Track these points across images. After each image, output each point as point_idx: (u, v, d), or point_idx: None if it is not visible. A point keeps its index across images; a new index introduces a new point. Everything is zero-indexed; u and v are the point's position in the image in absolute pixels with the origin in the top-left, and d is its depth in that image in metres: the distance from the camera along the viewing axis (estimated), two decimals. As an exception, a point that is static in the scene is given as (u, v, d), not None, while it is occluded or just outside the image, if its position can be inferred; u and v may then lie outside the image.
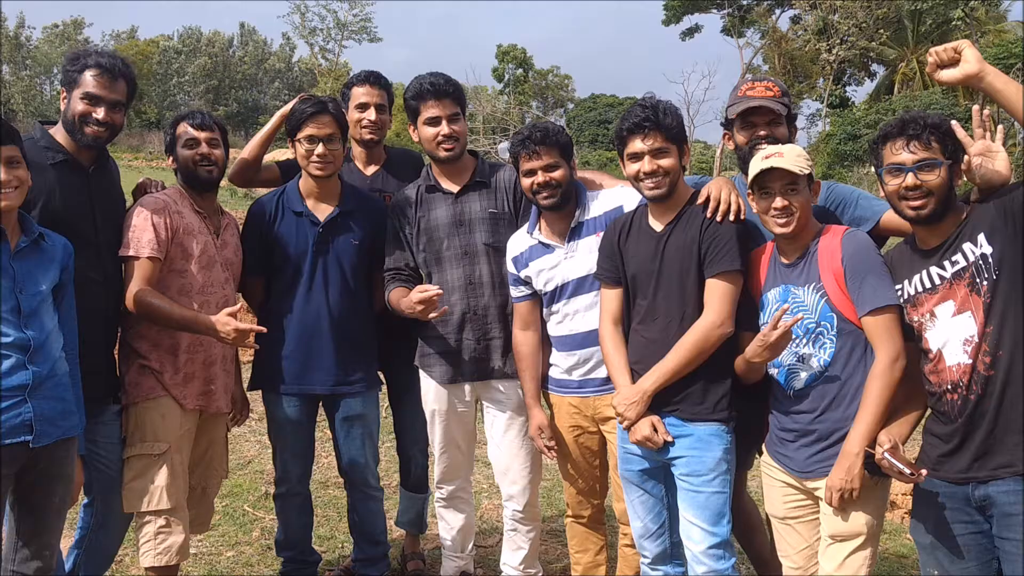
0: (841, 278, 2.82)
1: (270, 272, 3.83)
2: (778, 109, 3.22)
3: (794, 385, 2.95)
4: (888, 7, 37.88)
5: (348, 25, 49.80)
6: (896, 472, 2.62)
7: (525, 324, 3.59)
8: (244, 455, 5.88)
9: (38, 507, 2.96)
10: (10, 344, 2.79)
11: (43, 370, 2.85)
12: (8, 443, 2.76)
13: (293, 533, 4.02)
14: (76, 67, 3.31)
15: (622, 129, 3.17)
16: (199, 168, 3.55)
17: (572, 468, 3.64)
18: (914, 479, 2.61)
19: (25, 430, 2.80)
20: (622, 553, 3.66)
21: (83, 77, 3.29)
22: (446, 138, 3.62)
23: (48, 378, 2.87)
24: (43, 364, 2.85)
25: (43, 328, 2.88)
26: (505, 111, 37.74)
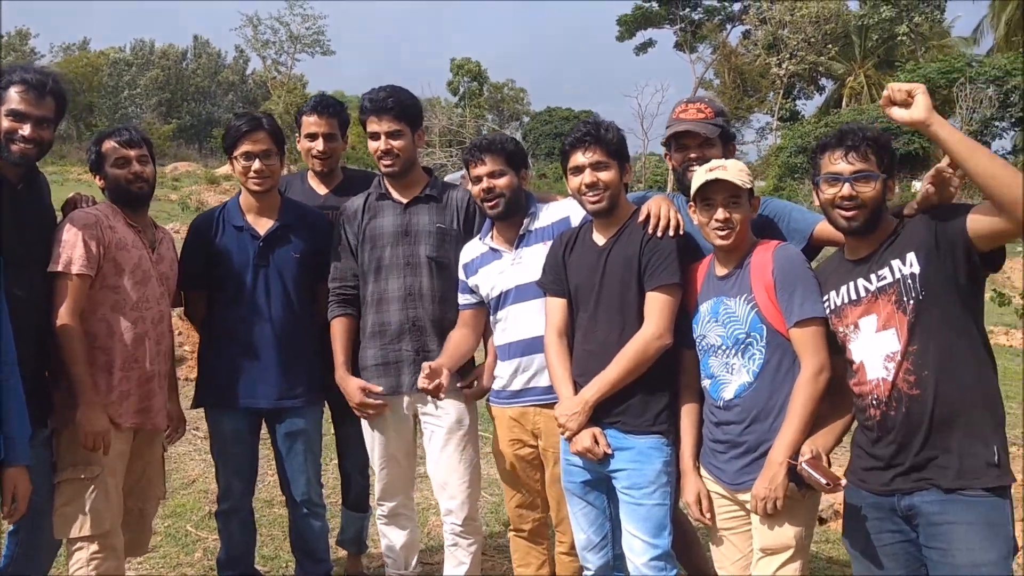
0: (771, 290, 2.86)
1: (212, 287, 3.79)
2: (704, 132, 3.27)
3: (724, 396, 2.97)
4: (836, 23, 38.69)
5: (301, 38, 49.46)
6: (814, 483, 2.66)
7: (464, 324, 3.65)
8: (188, 474, 5.77)
9: None
10: None
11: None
12: None
13: (235, 551, 3.96)
14: (2, 83, 3.23)
15: (565, 144, 3.25)
16: (132, 186, 3.50)
17: (512, 481, 3.65)
18: (831, 490, 2.65)
19: None
20: (559, 560, 3.67)
21: (8, 94, 3.21)
22: (384, 154, 3.63)
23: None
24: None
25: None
26: (460, 124, 37.78)
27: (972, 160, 2.44)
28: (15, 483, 3.03)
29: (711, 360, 3.01)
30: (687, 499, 3.10)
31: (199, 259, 3.77)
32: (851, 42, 39.81)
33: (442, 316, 3.66)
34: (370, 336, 3.70)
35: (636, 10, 45.30)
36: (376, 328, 3.68)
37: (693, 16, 44.85)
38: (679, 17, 44.03)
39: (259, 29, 49.02)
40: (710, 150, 3.28)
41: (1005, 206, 2.41)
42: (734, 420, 2.95)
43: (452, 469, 3.67)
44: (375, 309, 3.68)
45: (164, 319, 3.59)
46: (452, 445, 3.67)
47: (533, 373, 3.47)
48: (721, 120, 3.32)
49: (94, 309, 3.37)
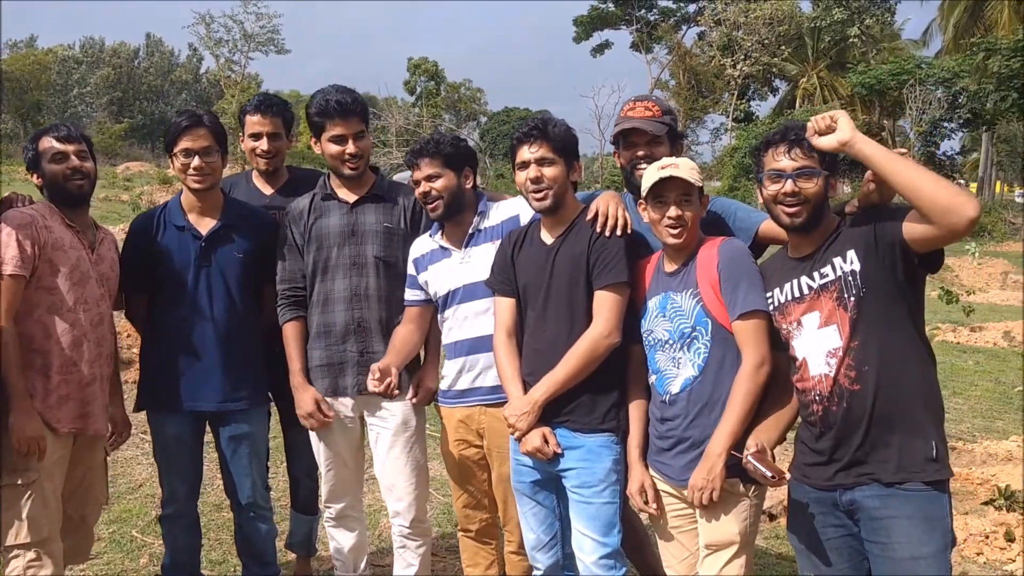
0: (716, 285, 2.87)
1: (153, 288, 3.72)
2: (652, 130, 3.26)
3: (670, 390, 2.98)
4: (789, 24, 39.26)
5: (255, 36, 48.99)
6: (759, 476, 2.67)
7: (410, 321, 3.60)
8: (135, 479, 5.67)
9: None
10: None
11: None
12: None
13: (181, 556, 3.88)
14: None
15: (513, 140, 3.25)
16: (70, 182, 3.41)
17: (459, 481, 3.64)
18: (775, 483, 2.66)
19: None
20: (508, 560, 3.66)
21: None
22: (352, 156, 3.58)
23: None
24: None
25: None
26: (417, 123, 37.70)
27: (896, 174, 2.48)
28: None
29: (658, 355, 3.02)
30: (631, 489, 3.09)
31: (139, 260, 3.69)
32: (804, 44, 40.43)
33: (389, 317, 3.62)
34: (315, 336, 3.66)
35: (592, 11, 45.57)
36: (321, 329, 3.64)
37: (649, 17, 45.20)
38: (635, 18, 44.34)
39: (212, 27, 48.50)
40: (657, 148, 3.27)
41: (930, 216, 2.44)
42: (680, 414, 2.95)
43: (399, 471, 3.64)
44: (321, 309, 3.64)
45: (104, 321, 3.50)
46: (399, 447, 3.64)
47: (478, 373, 3.46)
48: (668, 118, 3.31)
49: (30, 311, 3.28)
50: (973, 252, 22.03)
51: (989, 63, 29.83)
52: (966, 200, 2.40)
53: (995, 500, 5.33)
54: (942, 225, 2.42)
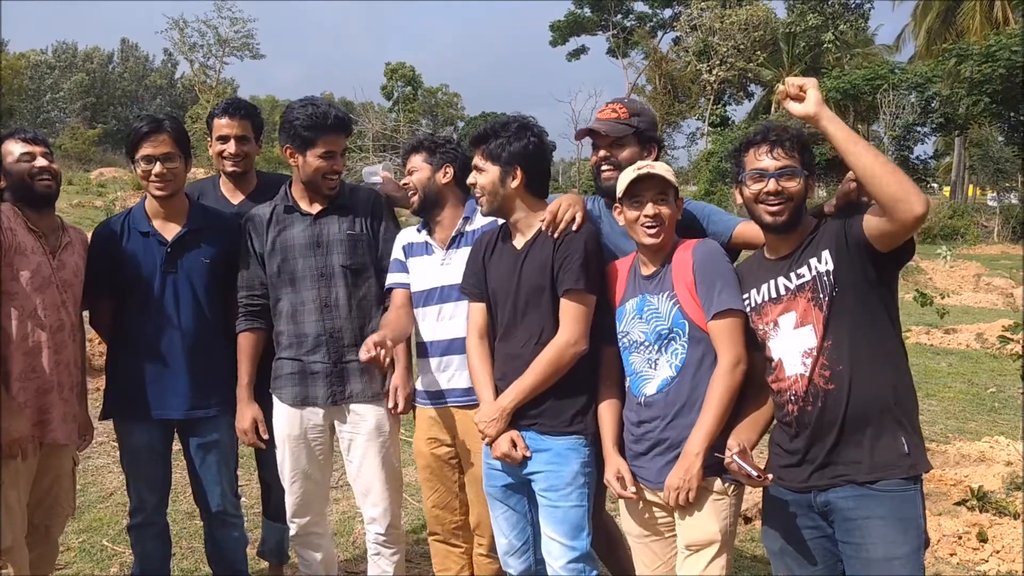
0: (692, 287, 2.87)
1: (118, 294, 3.66)
2: (608, 131, 3.26)
3: (645, 391, 2.96)
4: (764, 30, 39.55)
5: (229, 42, 48.76)
6: (744, 475, 2.65)
7: (399, 306, 3.55)
8: (106, 487, 5.59)
9: None
10: None
11: None
12: None
13: (150, 566, 3.81)
14: None
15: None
16: (37, 182, 3.37)
17: (430, 481, 3.63)
18: (761, 482, 2.65)
19: None
20: (478, 562, 3.64)
21: None
22: (336, 174, 3.58)
23: None
24: None
25: None
26: (394, 128, 37.63)
27: (855, 157, 2.47)
28: None
29: (633, 357, 3.00)
30: (607, 476, 3.05)
31: (104, 266, 3.62)
32: (779, 49, 40.77)
33: (361, 325, 3.58)
34: (286, 347, 3.62)
35: (569, 16, 45.68)
36: (292, 340, 3.60)
37: (625, 23, 45.37)
38: (611, 23, 44.49)
39: (186, 32, 48.23)
40: (619, 151, 3.27)
41: (885, 205, 2.44)
42: (657, 416, 2.93)
43: (375, 477, 3.61)
44: (292, 321, 3.59)
45: (65, 328, 3.44)
46: (372, 452, 3.60)
47: (452, 374, 3.46)
48: (637, 120, 3.29)
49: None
50: (946, 255, 22.24)
51: (961, 68, 30.20)
52: (916, 195, 2.41)
53: (968, 501, 5.36)
54: (893, 217, 2.43)
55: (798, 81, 2.58)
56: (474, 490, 3.49)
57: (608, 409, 3.10)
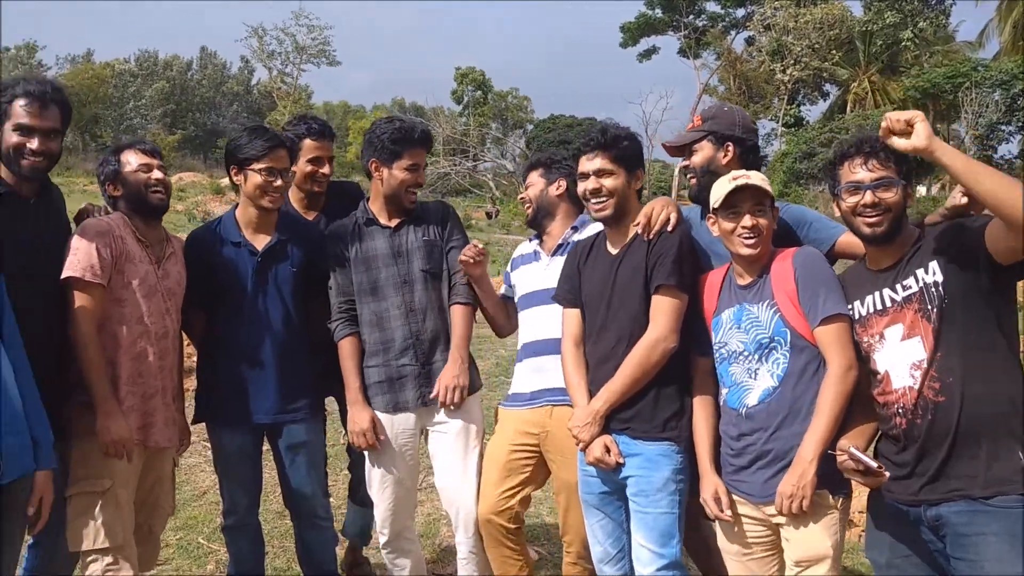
0: (794, 296, 2.83)
1: (209, 304, 3.76)
2: (671, 142, 3.46)
3: (746, 403, 2.93)
4: (840, 28, 38.68)
5: (306, 49, 49.73)
6: (861, 470, 2.59)
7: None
8: (199, 486, 5.75)
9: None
10: None
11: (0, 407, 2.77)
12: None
13: (245, 566, 3.91)
14: (5, 98, 3.21)
15: (577, 150, 3.29)
16: (151, 193, 3.49)
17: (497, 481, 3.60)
18: (879, 476, 2.59)
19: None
20: (567, 570, 3.66)
21: (13, 108, 3.19)
22: (418, 187, 3.74)
23: (8, 415, 2.80)
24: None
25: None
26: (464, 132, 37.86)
27: (977, 184, 2.40)
28: (43, 490, 2.99)
29: (732, 367, 2.97)
30: (704, 495, 3.02)
31: (197, 275, 3.73)
32: (855, 48, 39.81)
33: (444, 327, 3.70)
34: (372, 354, 3.71)
35: (640, 17, 45.39)
36: (379, 346, 3.68)
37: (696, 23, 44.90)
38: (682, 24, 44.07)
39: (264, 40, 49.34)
40: (693, 157, 3.35)
41: (1012, 226, 2.37)
42: (759, 427, 2.89)
43: (461, 477, 3.67)
44: (377, 328, 3.69)
45: (169, 335, 3.55)
46: (459, 451, 3.67)
47: (548, 373, 3.53)
48: (709, 124, 3.34)
49: (102, 323, 3.34)
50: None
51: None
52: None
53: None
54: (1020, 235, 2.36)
55: (904, 116, 2.48)
56: (565, 496, 3.52)
57: (704, 423, 3.08)
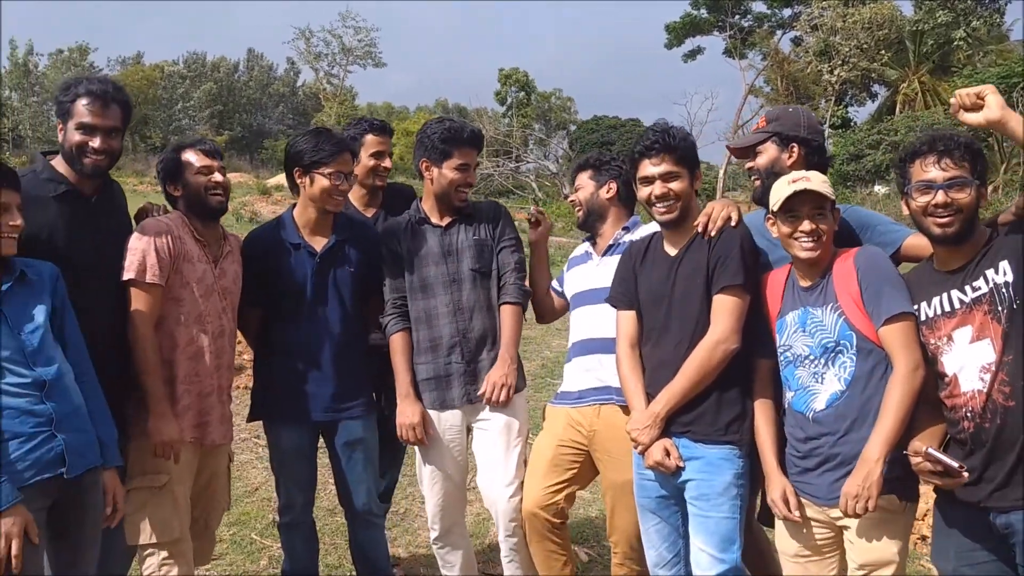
0: (858, 297, 2.78)
1: (267, 303, 3.80)
2: (735, 144, 3.43)
3: (814, 406, 2.88)
4: (890, 28, 38.03)
5: (353, 50, 50.16)
6: (940, 469, 2.53)
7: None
8: (251, 482, 5.82)
9: (73, 538, 2.96)
10: (26, 384, 2.77)
11: (62, 403, 2.84)
12: (44, 478, 2.77)
13: (299, 563, 3.95)
14: (68, 97, 3.28)
15: (634, 153, 3.22)
16: (211, 195, 3.53)
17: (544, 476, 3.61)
18: (960, 476, 2.52)
19: (59, 463, 2.80)
20: (615, 570, 3.66)
21: (76, 107, 3.26)
22: (468, 187, 3.75)
23: (70, 411, 2.87)
24: (61, 398, 2.85)
25: (51, 361, 2.86)
26: (507, 134, 37.87)
27: None
28: (113, 487, 3.08)
29: (798, 371, 2.93)
30: (773, 496, 2.97)
31: (255, 276, 3.77)
32: (905, 47, 39.12)
33: (491, 326, 3.72)
34: (421, 351, 3.74)
35: (685, 17, 45.04)
36: (428, 344, 3.72)
37: (742, 23, 44.44)
38: (728, 24, 43.65)
39: (311, 42, 49.84)
40: (757, 158, 3.31)
41: None
42: (826, 432, 2.85)
43: (502, 476, 3.67)
44: (426, 325, 3.72)
45: (225, 334, 3.59)
46: (501, 452, 3.68)
47: (597, 371, 3.55)
48: (772, 126, 3.30)
49: (159, 321, 3.40)
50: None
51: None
52: None
53: None
54: None
55: (974, 90, 2.48)
56: (612, 496, 3.53)
57: (767, 425, 3.04)
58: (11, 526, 2.63)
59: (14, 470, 2.70)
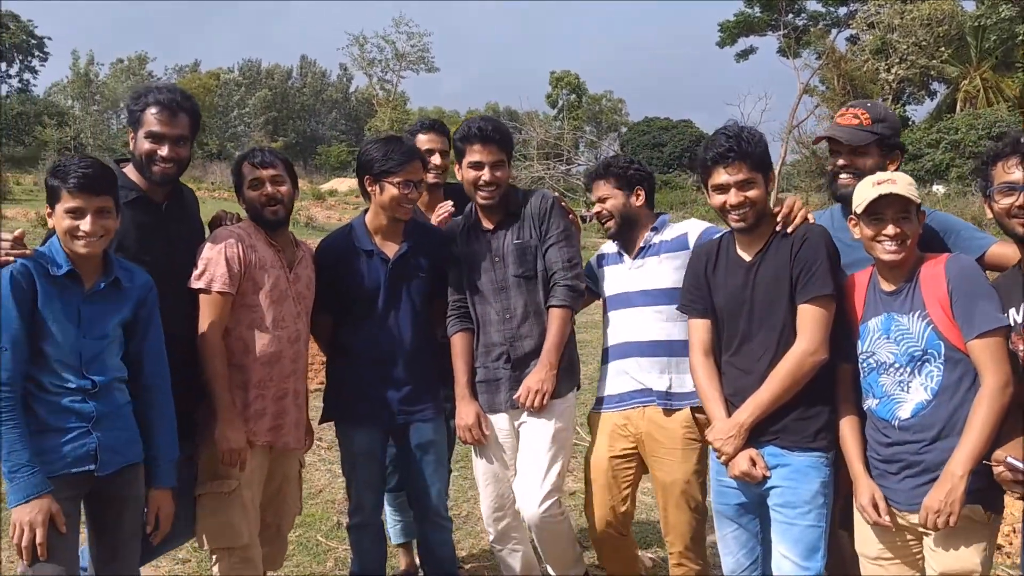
0: (947, 305, 2.71)
1: (339, 309, 3.83)
2: (848, 139, 3.15)
3: (899, 415, 2.82)
4: (950, 24, 37.23)
5: (406, 55, 50.62)
6: (1022, 479, 2.46)
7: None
8: (315, 485, 5.87)
9: (111, 532, 3.01)
10: (72, 389, 2.84)
11: (105, 403, 2.91)
12: (74, 472, 2.84)
13: (368, 565, 3.97)
14: (139, 106, 3.35)
15: (706, 159, 3.13)
16: (265, 209, 3.55)
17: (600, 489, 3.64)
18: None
19: (89, 459, 2.86)
20: (672, 569, 3.63)
21: (145, 116, 3.32)
22: (486, 184, 3.67)
23: (111, 410, 2.93)
24: (105, 398, 2.91)
25: (105, 371, 2.92)
26: (558, 136, 37.84)
27: None
28: (159, 505, 3.14)
29: (882, 378, 2.86)
30: (861, 502, 2.90)
31: (328, 282, 3.79)
32: (966, 43, 38.27)
33: (541, 331, 3.67)
34: (479, 355, 3.77)
35: (738, 16, 44.66)
36: (483, 348, 3.75)
37: (797, 22, 43.91)
38: (782, 23, 43.14)
39: (365, 48, 50.43)
40: (860, 159, 3.15)
41: None
42: (911, 440, 2.78)
43: (530, 478, 3.64)
44: (482, 330, 3.75)
45: (300, 338, 3.62)
46: (533, 455, 3.65)
47: (630, 376, 3.56)
48: (880, 127, 3.16)
49: (231, 327, 3.43)
50: None
51: None
52: None
53: None
54: None
55: None
56: (663, 496, 3.52)
57: (852, 431, 2.97)
58: (36, 514, 2.71)
59: (45, 460, 2.77)
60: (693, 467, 3.49)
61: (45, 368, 2.81)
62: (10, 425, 2.71)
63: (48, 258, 2.85)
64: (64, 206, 2.83)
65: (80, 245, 2.84)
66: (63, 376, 2.82)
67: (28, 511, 2.71)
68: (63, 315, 2.83)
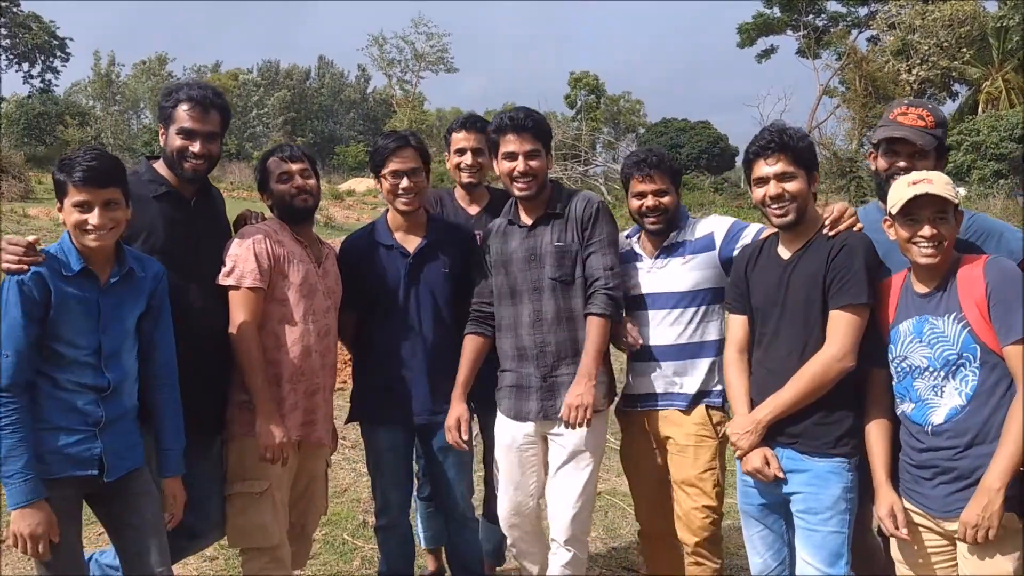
0: (984, 308, 2.66)
1: (363, 307, 3.82)
2: (921, 143, 3.07)
3: (932, 420, 2.78)
4: (972, 25, 36.92)
5: (425, 56, 50.69)
6: None
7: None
8: (340, 484, 5.88)
9: (131, 526, 3.02)
10: (87, 386, 2.85)
11: (114, 407, 2.91)
12: (76, 475, 2.85)
13: (396, 565, 3.97)
14: (170, 102, 3.36)
15: (748, 153, 3.13)
16: (295, 200, 3.56)
17: (636, 486, 3.75)
18: None
19: (93, 464, 2.87)
20: (689, 571, 3.61)
21: (177, 112, 3.34)
22: (522, 175, 3.55)
23: (119, 415, 2.94)
24: (115, 406, 2.92)
25: (122, 369, 2.93)
26: (576, 137, 37.80)
27: None
28: (173, 493, 3.16)
29: (916, 383, 2.83)
30: (879, 513, 2.89)
31: (351, 279, 3.79)
32: (988, 44, 37.93)
33: (574, 338, 3.55)
34: (508, 359, 3.68)
35: (757, 17, 44.47)
36: (513, 352, 3.65)
37: (816, 22, 43.68)
38: (802, 24, 42.93)
39: (384, 48, 50.54)
40: (921, 162, 3.08)
41: None
42: (945, 446, 2.75)
43: (564, 495, 3.55)
44: (513, 333, 3.64)
45: (330, 332, 3.63)
46: (568, 471, 3.55)
47: (648, 378, 3.56)
48: (941, 132, 3.12)
49: (263, 322, 3.43)
50: None
51: None
52: None
53: None
54: None
55: None
56: (677, 491, 3.54)
57: (880, 439, 2.94)
58: (36, 526, 2.71)
59: (48, 461, 2.78)
60: (706, 463, 3.48)
61: (61, 366, 2.81)
62: (9, 431, 2.70)
63: (59, 259, 2.84)
64: (72, 200, 2.82)
65: (90, 239, 2.82)
66: (80, 374, 2.83)
67: (26, 521, 2.72)
68: (82, 312, 2.83)
